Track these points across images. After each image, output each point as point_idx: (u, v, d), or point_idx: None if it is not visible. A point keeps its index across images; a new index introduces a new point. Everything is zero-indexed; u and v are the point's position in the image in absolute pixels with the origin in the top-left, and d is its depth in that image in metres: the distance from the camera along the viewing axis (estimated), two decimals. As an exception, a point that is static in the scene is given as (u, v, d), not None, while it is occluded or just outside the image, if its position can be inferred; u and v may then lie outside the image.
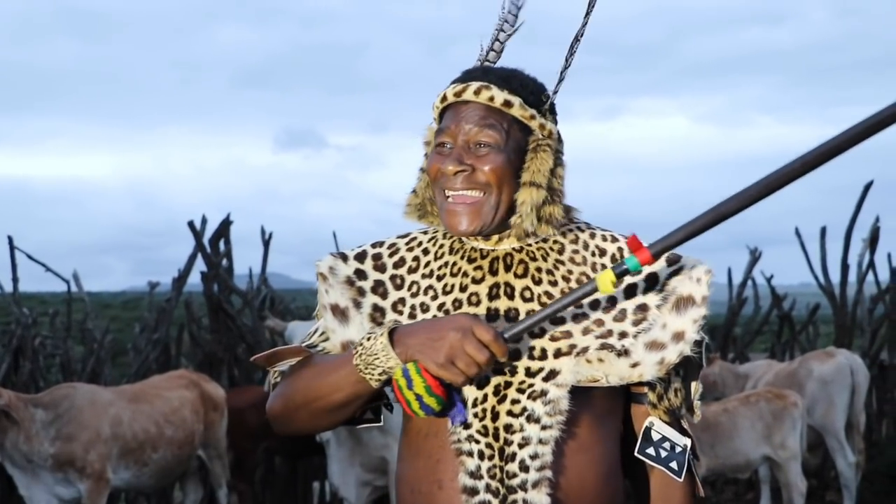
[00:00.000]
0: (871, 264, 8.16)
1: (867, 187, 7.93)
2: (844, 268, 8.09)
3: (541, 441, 1.61)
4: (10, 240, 7.13)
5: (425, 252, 1.77)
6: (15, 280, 7.23)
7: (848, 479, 6.50)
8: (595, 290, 1.57)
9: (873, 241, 8.12)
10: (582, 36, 1.71)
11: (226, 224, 7.49)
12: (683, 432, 1.73)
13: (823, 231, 8.19)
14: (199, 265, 7.42)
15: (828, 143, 1.48)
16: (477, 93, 1.67)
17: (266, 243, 7.97)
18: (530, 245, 1.71)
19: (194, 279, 7.56)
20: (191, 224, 7.27)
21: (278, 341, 7.43)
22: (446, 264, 1.74)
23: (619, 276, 1.56)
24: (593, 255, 1.72)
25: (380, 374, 1.59)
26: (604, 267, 1.70)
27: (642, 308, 1.67)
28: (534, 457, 1.60)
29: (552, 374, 1.63)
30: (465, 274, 1.71)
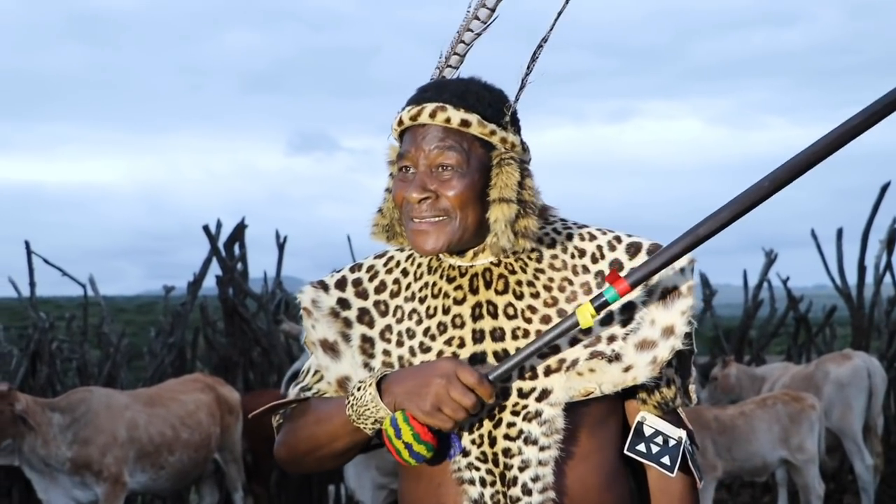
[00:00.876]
0: (889, 266, 8.11)
1: (884, 189, 7.88)
2: (861, 269, 8.04)
3: (540, 462, 1.60)
4: (27, 244, 7.16)
5: (404, 273, 1.75)
6: (32, 284, 7.26)
7: (866, 482, 6.46)
8: (576, 324, 1.57)
9: (890, 242, 8.07)
10: (545, 42, 1.66)
11: (240, 228, 7.51)
12: (679, 424, 1.70)
13: (840, 233, 8.14)
14: (214, 269, 7.44)
15: (795, 160, 1.50)
16: (433, 115, 1.63)
17: (281, 247, 7.98)
18: (507, 257, 1.68)
19: (209, 283, 7.59)
20: (206, 228, 7.28)
21: (293, 345, 7.44)
22: (426, 285, 1.71)
23: (599, 308, 1.57)
24: (573, 256, 1.69)
25: (372, 424, 1.60)
26: (585, 269, 1.67)
27: (628, 307, 1.65)
28: (535, 479, 1.60)
29: (545, 394, 1.61)
30: (447, 295, 1.68)
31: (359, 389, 1.60)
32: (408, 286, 1.73)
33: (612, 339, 1.63)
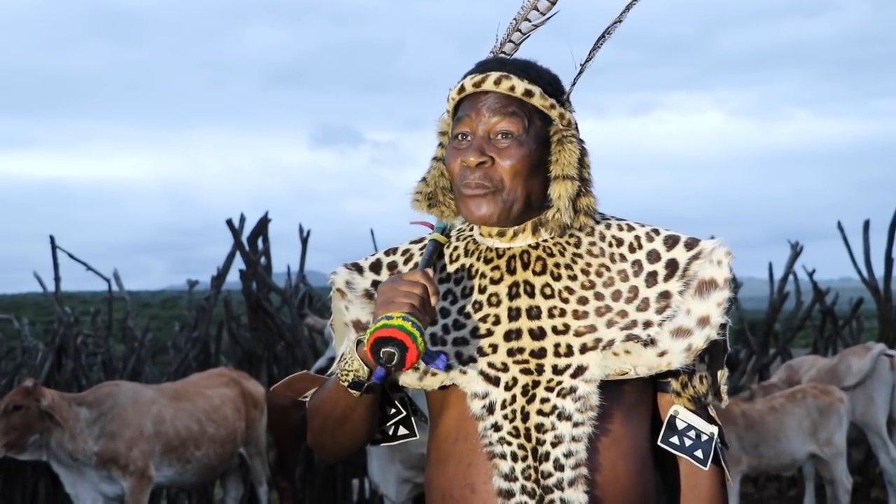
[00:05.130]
0: (917, 258, 8.03)
1: (911, 180, 7.81)
2: (888, 262, 7.97)
3: (574, 438, 1.59)
4: (52, 239, 7.21)
5: (440, 256, 1.75)
6: (57, 279, 7.30)
7: (892, 475, 6.40)
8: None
9: (918, 234, 7.98)
10: (610, 34, 1.69)
11: (264, 222, 7.51)
12: (710, 420, 1.70)
13: (867, 224, 8.07)
14: (238, 263, 7.45)
15: None
16: (497, 82, 1.65)
17: (304, 241, 7.99)
18: (546, 241, 1.69)
19: (233, 277, 7.60)
20: (229, 223, 7.30)
21: (317, 339, 7.45)
22: (462, 267, 1.72)
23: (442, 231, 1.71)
24: (610, 245, 1.70)
25: (353, 378, 1.60)
26: (622, 257, 1.68)
27: (665, 295, 1.65)
28: (568, 455, 1.59)
29: (580, 370, 1.61)
30: (483, 275, 1.69)
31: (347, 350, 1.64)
32: (443, 268, 1.73)
33: (647, 324, 1.64)
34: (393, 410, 1.78)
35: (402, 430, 1.79)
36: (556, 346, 1.63)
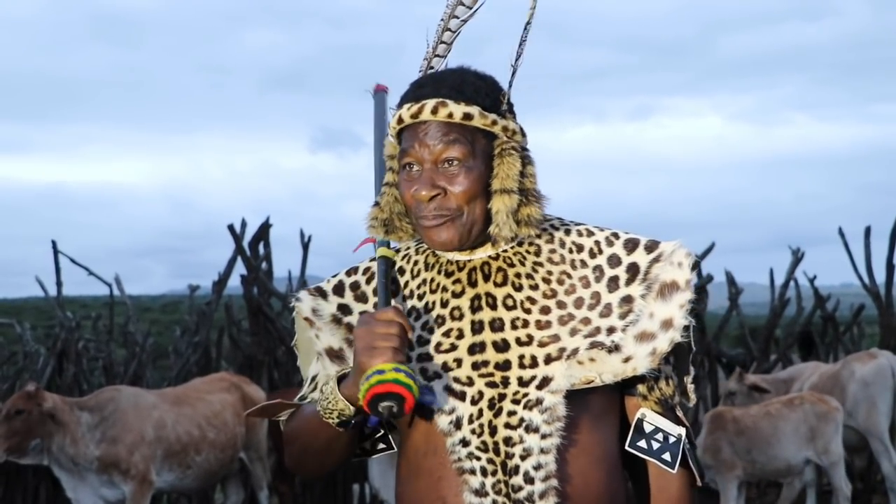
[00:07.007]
0: (918, 264, 8.02)
1: (913, 186, 7.80)
2: (890, 268, 7.97)
3: (542, 451, 1.59)
4: (54, 244, 7.22)
5: (401, 272, 1.74)
6: (58, 284, 7.32)
7: (893, 482, 6.39)
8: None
9: (919, 240, 7.98)
10: (529, 25, 1.66)
11: (265, 227, 7.52)
12: (678, 421, 1.70)
13: (868, 230, 8.07)
14: (239, 268, 7.46)
15: None
16: (434, 111, 1.63)
17: (305, 246, 8.00)
18: (506, 251, 1.68)
19: (234, 282, 7.62)
20: (231, 228, 7.31)
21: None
22: (424, 282, 1.71)
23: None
24: (570, 251, 1.69)
25: (337, 417, 1.60)
26: (583, 263, 1.68)
27: (627, 300, 1.65)
28: (537, 467, 1.59)
29: (545, 381, 1.61)
30: (445, 289, 1.68)
31: (326, 384, 1.63)
32: (405, 284, 1.73)
33: (611, 330, 1.63)
34: None
35: (380, 445, 1.78)
36: (521, 357, 1.62)
